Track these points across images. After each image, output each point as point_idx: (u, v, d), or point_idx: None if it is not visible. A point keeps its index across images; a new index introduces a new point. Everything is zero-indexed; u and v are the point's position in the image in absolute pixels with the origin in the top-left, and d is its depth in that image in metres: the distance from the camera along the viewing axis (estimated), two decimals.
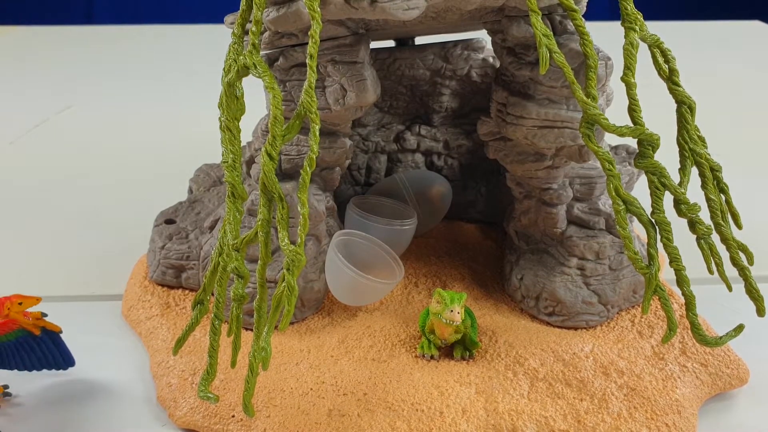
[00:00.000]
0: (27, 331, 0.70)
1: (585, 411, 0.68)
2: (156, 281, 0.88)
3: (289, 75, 0.76)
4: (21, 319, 0.70)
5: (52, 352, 0.72)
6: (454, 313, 0.71)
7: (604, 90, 0.75)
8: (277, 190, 0.62)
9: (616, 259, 0.80)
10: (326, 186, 0.82)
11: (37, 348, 0.71)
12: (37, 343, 0.71)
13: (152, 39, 2.15)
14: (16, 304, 0.69)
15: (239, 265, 0.63)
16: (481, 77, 0.96)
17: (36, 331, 0.70)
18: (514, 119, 0.75)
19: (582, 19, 0.66)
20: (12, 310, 0.69)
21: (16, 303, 0.69)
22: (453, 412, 0.67)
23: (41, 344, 0.71)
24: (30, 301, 0.70)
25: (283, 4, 0.69)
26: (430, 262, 0.91)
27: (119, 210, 1.13)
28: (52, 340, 0.72)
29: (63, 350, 0.72)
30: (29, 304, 0.70)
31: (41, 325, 0.71)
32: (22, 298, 0.70)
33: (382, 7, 0.66)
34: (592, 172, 0.80)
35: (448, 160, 0.98)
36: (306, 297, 0.80)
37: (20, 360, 0.71)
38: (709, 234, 0.67)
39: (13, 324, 0.70)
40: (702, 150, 0.69)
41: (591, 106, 0.64)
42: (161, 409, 0.72)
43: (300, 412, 0.68)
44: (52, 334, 0.71)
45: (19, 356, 0.71)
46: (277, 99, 0.62)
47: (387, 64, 0.94)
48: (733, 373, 0.73)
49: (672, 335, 0.67)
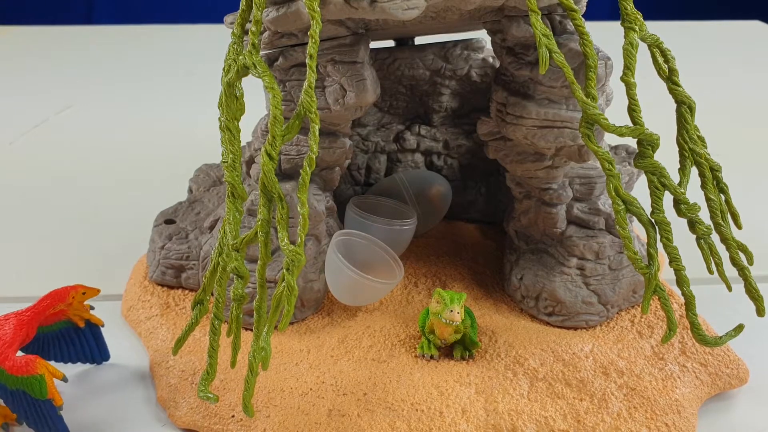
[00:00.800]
0: (70, 323, 0.71)
1: (585, 411, 0.68)
2: (156, 281, 0.88)
3: (289, 75, 0.76)
4: (80, 308, 0.71)
5: (90, 345, 0.73)
6: (453, 313, 0.71)
7: (604, 90, 0.75)
8: (276, 190, 0.62)
9: (616, 259, 0.80)
10: (326, 186, 0.82)
11: (77, 340, 0.72)
12: (77, 335, 0.72)
13: (152, 39, 2.15)
14: (80, 294, 0.70)
15: (239, 265, 0.63)
16: (481, 77, 0.96)
17: (81, 323, 0.71)
18: (513, 119, 0.75)
19: (582, 18, 0.66)
20: (76, 300, 0.70)
21: (80, 293, 0.70)
22: (453, 412, 0.67)
23: (81, 336, 0.72)
24: (92, 292, 0.71)
25: (283, 4, 0.69)
26: (430, 262, 0.91)
27: (119, 210, 1.13)
28: (93, 334, 0.73)
29: (101, 344, 0.74)
30: (91, 295, 0.71)
31: (86, 318, 0.72)
32: (86, 288, 0.71)
33: (381, 7, 0.66)
34: (592, 172, 0.80)
35: (447, 160, 0.98)
36: (306, 297, 0.80)
37: (59, 350, 0.72)
38: (709, 234, 0.67)
39: (62, 315, 0.71)
40: (702, 150, 0.69)
41: (591, 106, 0.64)
42: (161, 409, 0.72)
43: (300, 412, 0.68)
44: (94, 328, 0.72)
45: (59, 347, 0.72)
46: (277, 99, 0.62)
47: (387, 64, 0.94)
48: (732, 373, 0.74)
49: (672, 335, 0.67)
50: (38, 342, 0.72)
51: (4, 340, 0.65)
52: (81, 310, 0.71)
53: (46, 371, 0.63)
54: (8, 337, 0.65)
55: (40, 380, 0.63)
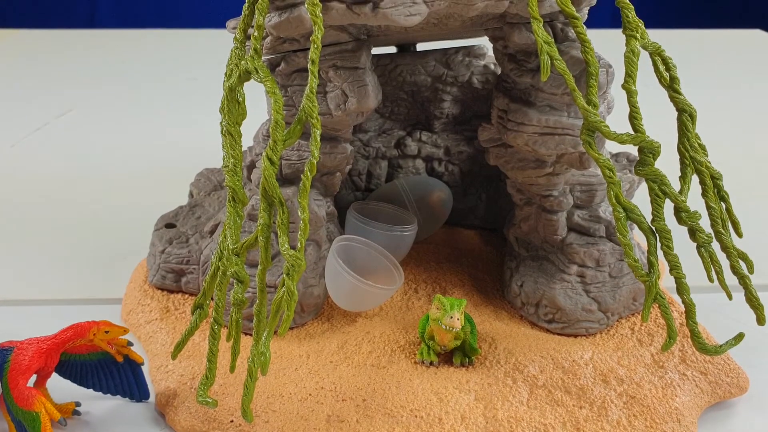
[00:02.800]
0: (109, 355, 0.70)
1: (584, 419, 0.68)
2: (156, 285, 0.88)
3: (291, 80, 0.76)
4: (104, 345, 0.69)
5: (129, 381, 0.72)
6: (453, 319, 0.71)
7: (605, 97, 0.75)
8: (277, 195, 0.62)
9: (616, 267, 0.80)
10: (327, 191, 0.82)
11: (117, 374, 0.71)
12: (117, 369, 0.71)
13: (154, 43, 2.16)
14: (102, 332, 0.69)
15: (239, 269, 0.63)
16: (483, 84, 0.96)
17: (119, 358, 0.70)
18: (515, 126, 0.75)
19: (583, 26, 0.66)
20: (97, 337, 0.69)
21: (103, 330, 0.69)
22: (452, 418, 0.67)
23: (121, 371, 0.71)
24: (117, 331, 0.69)
25: (286, 9, 0.69)
26: (430, 268, 0.91)
27: (119, 213, 1.13)
28: (132, 370, 0.71)
29: (141, 381, 0.72)
30: (116, 334, 0.69)
31: (125, 353, 0.70)
32: (110, 326, 0.69)
33: (384, 13, 0.66)
34: (593, 179, 0.80)
35: (448, 166, 0.98)
36: (305, 302, 0.80)
37: (98, 380, 0.72)
38: (710, 242, 0.67)
39: (96, 347, 0.70)
40: (702, 158, 0.69)
41: (592, 113, 0.64)
42: (160, 413, 0.72)
43: (299, 417, 0.68)
44: (134, 364, 0.71)
45: (98, 377, 0.71)
46: (279, 104, 0.62)
47: (388, 70, 0.94)
48: (732, 382, 0.73)
49: (672, 343, 0.67)
50: (77, 369, 0.71)
51: (21, 366, 0.65)
52: (105, 346, 0.69)
53: (43, 410, 0.63)
54: (24, 365, 0.65)
55: (35, 418, 0.63)
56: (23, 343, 0.67)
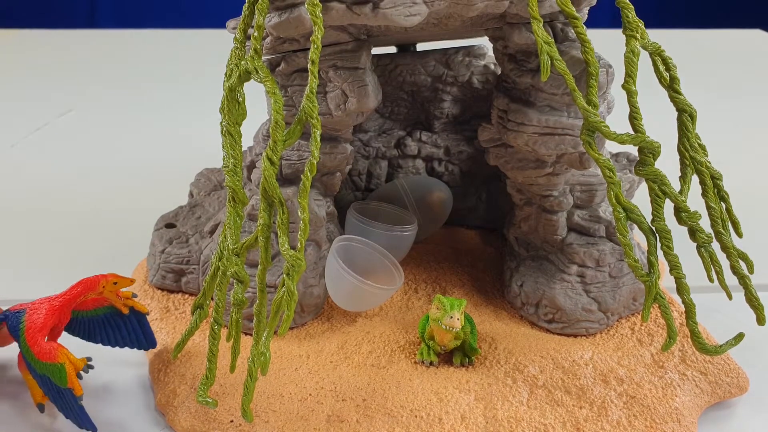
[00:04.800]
0: (116, 309, 0.73)
1: (584, 419, 0.68)
2: (156, 285, 0.88)
3: (291, 80, 0.76)
4: (113, 297, 0.72)
5: (136, 331, 0.74)
6: (453, 319, 0.71)
7: (605, 97, 0.75)
8: (277, 195, 0.62)
9: (616, 267, 0.80)
10: (327, 191, 0.82)
11: (123, 326, 0.74)
12: (123, 322, 0.73)
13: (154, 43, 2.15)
14: (111, 283, 0.71)
15: (239, 269, 0.63)
16: (482, 84, 0.96)
17: (125, 310, 0.73)
18: (515, 126, 0.75)
19: (583, 26, 0.66)
20: (107, 289, 0.71)
21: (111, 282, 0.71)
22: (452, 418, 0.67)
23: (127, 323, 0.74)
24: (124, 282, 0.72)
25: (286, 9, 0.69)
26: (430, 268, 0.91)
27: (119, 213, 1.13)
28: (138, 321, 0.74)
29: (147, 331, 0.75)
30: (123, 284, 0.72)
31: (130, 305, 0.73)
32: (117, 278, 0.71)
33: (383, 13, 0.66)
34: (593, 179, 0.80)
35: (448, 166, 0.98)
36: (305, 302, 0.80)
37: (106, 335, 0.74)
38: (710, 242, 0.67)
39: (104, 300, 0.72)
40: (702, 158, 0.69)
41: (592, 113, 0.64)
42: (160, 414, 0.72)
43: (299, 417, 0.68)
44: (139, 315, 0.74)
45: (105, 331, 0.74)
46: (279, 104, 0.62)
47: (388, 70, 0.94)
48: (732, 382, 0.73)
49: (672, 343, 0.67)
50: (85, 325, 0.74)
51: (36, 325, 0.67)
52: (114, 298, 0.72)
53: (67, 360, 0.65)
54: (39, 322, 0.67)
55: (60, 369, 0.64)
56: (34, 303, 0.69)
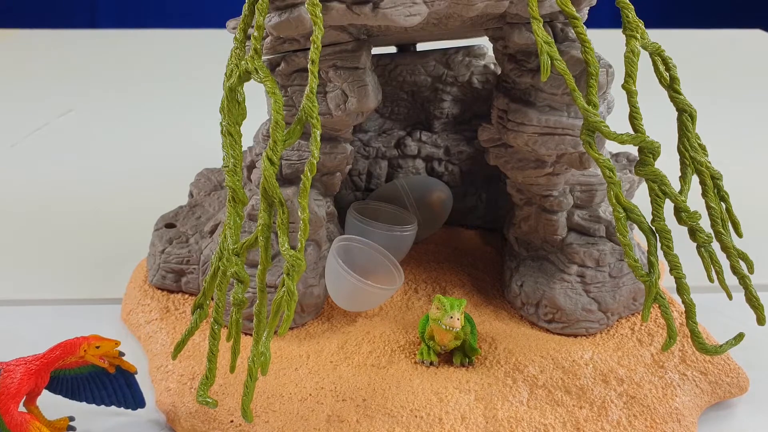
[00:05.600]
0: (99, 368, 0.68)
1: (584, 419, 0.68)
2: (156, 285, 0.88)
3: (291, 80, 0.76)
4: (95, 361, 0.67)
5: (123, 390, 0.70)
6: (453, 319, 0.71)
7: (605, 97, 0.75)
8: (277, 195, 0.62)
9: (616, 267, 0.80)
10: (327, 191, 0.82)
11: (110, 384, 0.69)
12: (110, 380, 0.69)
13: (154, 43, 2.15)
14: (93, 347, 0.66)
15: (239, 269, 0.63)
16: (483, 84, 0.96)
17: (111, 370, 0.68)
18: (514, 126, 0.75)
19: (583, 26, 0.66)
20: (88, 353, 0.66)
21: (94, 346, 0.66)
22: (452, 418, 0.67)
23: (114, 381, 0.69)
24: (108, 344, 0.66)
25: (286, 9, 0.69)
26: (430, 268, 0.91)
27: (119, 213, 1.13)
28: (126, 380, 0.69)
29: (135, 391, 0.70)
30: (107, 348, 0.66)
31: (116, 364, 0.68)
32: (100, 341, 0.66)
33: (383, 13, 0.66)
34: (593, 179, 0.80)
35: (448, 166, 0.98)
36: (306, 302, 0.80)
37: (90, 393, 0.69)
38: (710, 242, 0.67)
39: (84, 362, 0.67)
40: (702, 158, 0.69)
41: (592, 113, 0.64)
42: (160, 413, 0.72)
43: (299, 417, 0.68)
44: (126, 374, 0.69)
45: (90, 389, 0.69)
46: (279, 104, 0.62)
47: (388, 70, 0.94)
48: (732, 382, 0.73)
49: (672, 343, 0.67)
50: (67, 383, 0.69)
51: (9, 390, 0.62)
52: (97, 361, 0.67)
53: None
54: (13, 387, 0.62)
55: None
56: (9, 364, 0.64)
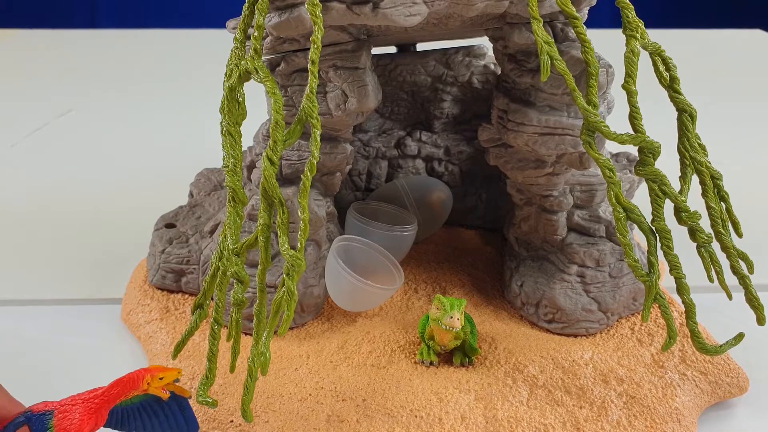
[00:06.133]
0: (152, 396, 0.64)
1: (584, 419, 0.68)
2: (156, 285, 0.88)
3: (291, 80, 0.76)
4: (159, 393, 0.64)
5: (176, 416, 0.66)
6: (453, 319, 0.71)
7: (605, 97, 0.75)
8: (277, 195, 0.62)
9: (616, 267, 0.80)
10: (327, 191, 0.82)
11: (161, 411, 0.65)
12: (161, 407, 0.65)
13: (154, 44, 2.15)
14: (156, 379, 0.63)
15: (239, 269, 0.63)
16: (482, 84, 0.96)
17: (165, 396, 0.64)
18: (514, 126, 0.75)
19: (583, 26, 0.66)
20: (152, 386, 0.63)
21: (157, 378, 0.63)
22: (452, 418, 0.67)
23: (166, 408, 0.65)
24: (171, 375, 0.63)
25: (286, 9, 0.69)
26: (430, 268, 0.91)
27: (119, 213, 1.13)
28: (179, 405, 0.65)
29: (189, 416, 0.66)
30: (170, 378, 0.63)
31: (171, 389, 0.65)
32: (163, 372, 0.63)
33: (384, 13, 0.66)
34: (593, 179, 0.80)
35: (448, 166, 0.98)
36: (305, 302, 0.80)
37: (141, 422, 0.65)
38: (710, 242, 0.67)
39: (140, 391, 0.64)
40: (702, 158, 0.69)
41: (592, 113, 0.64)
42: None
43: (299, 417, 0.68)
44: (180, 399, 0.65)
45: (141, 419, 0.66)
46: (279, 104, 0.62)
47: (388, 70, 0.94)
48: (732, 382, 0.73)
49: (672, 343, 0.67)
50: (117, 415, 0.65)
51: (69, 430, 0.59)
52: (159, 392, 0.64)
53: None
54: (74, 426, 0.59)
55: None
56: (62, 404, 0.60)
